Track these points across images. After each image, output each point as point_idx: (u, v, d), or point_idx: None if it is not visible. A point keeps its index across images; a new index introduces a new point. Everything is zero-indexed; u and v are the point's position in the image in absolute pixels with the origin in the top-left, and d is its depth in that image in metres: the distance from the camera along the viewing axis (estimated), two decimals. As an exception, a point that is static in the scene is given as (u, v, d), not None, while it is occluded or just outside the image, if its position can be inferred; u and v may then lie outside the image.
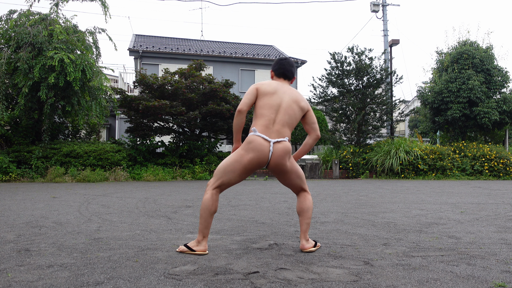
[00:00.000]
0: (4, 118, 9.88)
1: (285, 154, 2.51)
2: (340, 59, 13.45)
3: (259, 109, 2.57)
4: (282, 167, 2.54)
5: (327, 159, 12.85)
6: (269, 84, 2.63)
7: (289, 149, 2.54)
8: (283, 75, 2.75)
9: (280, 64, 2.77)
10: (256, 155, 2.47)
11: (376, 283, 1.92)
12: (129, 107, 11.66)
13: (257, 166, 2.52)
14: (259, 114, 2.56)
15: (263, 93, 2.59)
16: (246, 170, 2.52)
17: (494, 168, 12.48)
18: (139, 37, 21.10)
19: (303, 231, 2.60)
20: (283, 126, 2.55)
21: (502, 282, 1.93)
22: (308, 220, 2.62)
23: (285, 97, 2.61)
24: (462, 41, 15.56)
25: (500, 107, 13.91)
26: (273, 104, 2.56)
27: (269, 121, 2.53)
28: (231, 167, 2.50)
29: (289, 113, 2.58)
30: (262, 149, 2.46)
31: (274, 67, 2.80)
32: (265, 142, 2.48)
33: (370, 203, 5.40)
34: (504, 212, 4.47)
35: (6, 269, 2.14)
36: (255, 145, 2.46)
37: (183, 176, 11.02)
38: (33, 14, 10.77)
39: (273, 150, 2.48)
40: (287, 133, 2.57)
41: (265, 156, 2.48)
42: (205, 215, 2.49)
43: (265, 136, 2.49)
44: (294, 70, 2.83)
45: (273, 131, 2.52)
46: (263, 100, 2.57)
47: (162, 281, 1.94)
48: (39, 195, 6.33)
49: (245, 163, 2.49)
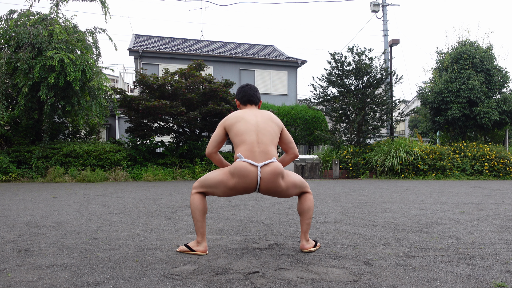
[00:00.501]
0: (4, 118, 9.87)
1: (275, 176, 2.39)
2: (340, 59, 13.45)
3: (237, 137, 2.47)
4: (276, 189, 2.44)
5: (327, 159, 12.85)
6: (234, 114, 2.57)
7: (280, 169, 2.41)
8: (248, 102, 2.71)
9: (243, 91, 2.73)
10: (242, 181, 2.37)
11: (376, 283, 1.92)
12: (129, 107, 11.66)
13: (243, 191, 2.43)
14: (239, 141, 2.45)
15: (232, 124, 2.52)
16: (230, 193, 2.45)
17: (494, 168, 12.48)
18: (139, 37, 21.10)
19: (304, 231, 2.59)
20: (267, 146, 2.45)
21: (502, 282, 1.93)
22: (309, 220, 2.59)
23: (257, 117, 2.55)
24: (462, 41, 15.56)
25: (500, 107, 13.92)
26: (249, 127, 2.48)
27: (252, 144, 2.42)
28: (215, 185, 2.46)
29: (268, 130, 2.50)
30: (248, 175, 2.35)
31: (237, 95, 2.76)
32: (252, 167, 2.36)
33: (370, 203, 5.40)
34: (504, 212, 4.47)
35: (6, 269, 2.14)
36: (241, 172, 2.35)
37: (183, 176, 11.02)
38: (33, 14, 10.77)
39: (261, 175, 2.37)
40: (273, 152, 2.46)
41: (253, 182, 2.38)
42: (196, 216, 2.49)
43: (251, 161, 2.37)
44: (258, 95, 2.76)
45: (259, 153, 2.41)
46: (236, 128, 2.49)
47: (162, 281, 1.94)
48: (39, 195, 6.33)
49: (230, 187, 2.41)
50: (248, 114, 2.56)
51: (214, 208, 4.83)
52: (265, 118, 2.56)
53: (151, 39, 20.92)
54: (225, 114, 11.56)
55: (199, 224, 2.49)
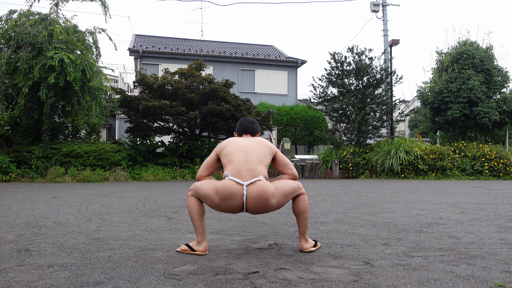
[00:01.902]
0: (4, 118, 9.87)
1: (263, 194, 2.30)
2: (340, 59, 13.45)
3: (225, 158, 2.47)
4: (265, 208, 2.37)
5: (327, 159, 12.85)
6: (227, 140, 2.61)
7: (266, 188, 2.32)
8: (244, 132, 2.72)
9: (241, 124, 2.76)
10: (227, 200, 2.32)
11: (376, 283, 1.92)
12: (129, 107, 11.66)
13: (228, 210, 2.39)
14: (227, 161, 2.45)
15: (223, 147, 2.54)
16: (217, 209, 2.43)
17: (494, 168, 12.48)
18: (139, 37, 21.11)
19: (302, 232, 2.58)
20: (255, 164, 2.40)
21: (502, 282, 1.93)
22: (305, 221, 2.55)
23: (248, 141, 2.57)
24: (462, 41, 15.56)
25: (500, 107, 13.92)
26: (237, 149, 2.49)
27: (239, 163, 2.40)
28: (204, 196, 2.45)
29: (257, 150, 2.49)
30: (233, 195, 2.30)
31: (236, 128, 2.79)
32: (237, 186, 2.30)
33: (370, 203, 5.40)
34: (504, 212, 4.47)
35: (6, 269, 2.14)
36: (225, 190, 2.31)
37: (183, 176, 11.02)
38: (33, 14, 10.77)
39: (246, 194, 2.30)
40: (261, 170, 2.39)
41: (238, 202, 2.32)
42: (193, 217, 2.49)
43: (237, 179, 2.32)
44: (256, 127, 2.74)
45: (245, 171, 2.36)
46: (226, 150, 2.51)
47: (162, 281, 1.94)
48: (39, 195, 6.33)
49: (216, 203, 2.39)
50: (240, 139, 2.60)
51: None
52: (256, 141, 2.57)
53: (151, 39, 20.92)
54: (225, 114, 11.57)
55: (197, 224, 2.50)
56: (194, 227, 2.53)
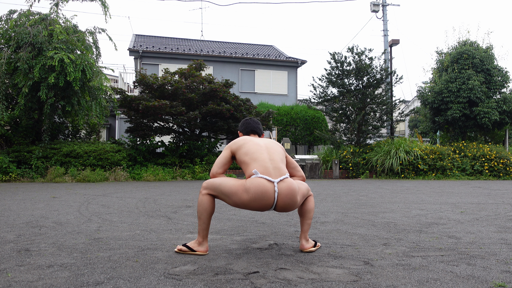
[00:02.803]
0: (4, 118, 9.88)
1: (293, 192, 2.34)
2: (340, 59, 13.46)
3: (247, 156, 2.44)
4: (293, 204, 2.37)
5: (327, 159, 12.85)
6: (241, 138, 2.61)
7: (295, 185, 2.37)
8: (251, 132, 2.75)
9: (246, 124, 2.78)
10: (259, 198, 2.28)
11: (376, 283, 1.92)
12: (129, 107, 11.66)
13: (258, 208, 2.34)
14: (250, 159, 2.41)
15: (240, 146, 2.52)
16: (242, 207, 2.39)
17: (494, 168, 12.48)
18: (139, 37, 21.11)
19: (304, 231, 2.59)
20: (279, 163, 2.44)
21: (502, 282, 1.93)
22: (310, 220, 2.59)
23: (264, 140, 2.60)
24: (462, 41, 15.56)
25: (500, 107, 13.92)
26: (258, 147, 2.48)
27: (264, 161, 2.39)
28: (228, 194, 2.38)
29: (277, 150, 2.53)
30: (266, 192, 2.28)
31: (240, 128, 2.80)
32: (269, 183, 2.30)
33: (370, 203, 5.40)
34: (504, 212, 4.47)
35: (6, 269, 2.14)
36: (258, 188, 2.28)
37: (183, 176, 11.02)
38: (33, 14, 10.77)
39: (278, 191, 2.30)
40: (285, 169, 2.44)
41: (270, 199, 2.30)
42: (203, 217, 2.46)
43: (267, 177, 2.32)
44: (261, 127, 2.80)
45: (272, 169, 2.37)
46: (245, 148, 2.48)
47: (162, 281, 1.94)
48: (39, 195, 6.33)
49: (244, 201, 2.33)
50: (256, 138, 2.62)
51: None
52: (272, 142, 2.61)
53: (151, 39, 20.92)
54: (225, 114, 11.57)
55: (204, 225, 2.46)
56: (199, 228, 2.47)
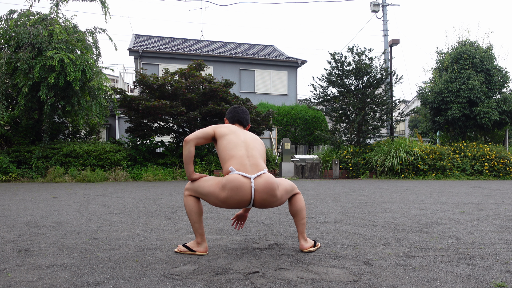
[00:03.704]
0: (4, 118, 9.88)
1: (270, 185, 2.33)
2: (340, 59, 13.46)
3: (225, 151, 2.45)
4: (271, 199, 2.37)
5: (327, 159, 12.85)
6: (227, 126, 2.60)
7: (273, 179, 2.38)
8: (237, 121, 2.75)
9: (234, 112, 2.77)
10: (235, 194, 2.29)
11: (376, 283, 1.92)
12: (129, 107, 11.66)
13: (236, 205, 2.35)
14: (228, 156, 2.43)
15: (222, 134, 2.52)
16: (222, 205, 2.40)
17: (494, 168, 12.48)
18: (139, 37, 21.11)
19: (300, 231, 2.58)
20: (257, 159, 2.44)
21: (502, 282, 1.93)
22: (303, 220, 2.58)
23: (246, 134, 2.60)
24: (462, 41, 15.56)
25: (500, 107, 13.92)
26: (238, 142, 2.49)
27: (242, 158, 2.40)
28: (206, 194, 2.41)
29: (256, 147, 2.54)
30: (242, 187, 2.29)
31: (228, 115, 2.78)
32: (245, 179, 2.31)
33: (370, 203, 5.40)
34: (504, 212, 4.47)
35: (6, 269, 2.14)
36: (233, 184, 2.29)
37: (183, 176, 11.02)
38: (33, 14, 10.77)
39: (255, 186, 2.31)
40: (263, 165, 2.44)
41: (246, 195, 2.31)
42: (192, 218, 2.47)
43: (243, 173, 2.33)
44: (249, 118, 2.80)
45: (249, 166, 2.38)
46: (225, 140, 2.49)
47: (162, 281, 1.94)
48: (39, 195, 6.33)
49: (222, 199, 2.34)
50: (238, 130, 2.61)
51: (214, 208, 4.83)
52: (253, 137, 2.62)
53: (151, 39, 20.92)
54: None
55: (196, 225, 2.48)
56: (193, 229, 2.50)
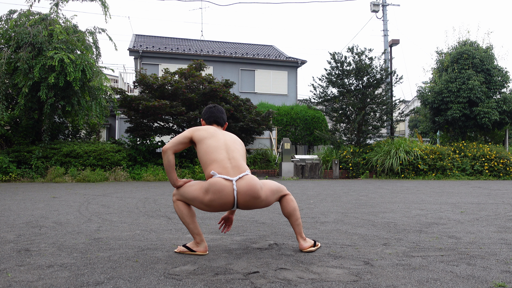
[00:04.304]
0: (4, 118, 9.88)
1: (253, 187, 2.34)
2: (340, 59, 13.46)
3: (206, 155, 2.44)
4: (255, 201, 2.37)
5: (327, 159, 12.85)
6: (205, 129, 2.57)
7: (255, 180, 2.39)
8: (214, 122, 2.72)
9: (210, 112, 2.73)
10: (217, 197, 2.30)
11: (376, 283, 1.92)
12: (129, 107, 11.66)
13: (220, 208, 2.37)
14: (209, 160, 2.42)
15: (201, 138, 2.50)
16: (207, 209, 2.41)
17: (494, 168, 12.48)
18: (139, 37, 21.10)
19: (298, 232, 2.57)
20: (238, 161, 2.44)
21: (502, 282, 1.93)
22: (298, 220, 2.56)
23: (225, 136, 2.59)
24: (462, 41, 15.57)
25: (500, 107, 13.92)
26: (218, 145, 2.48)
27: (223, 161, 2.41)
28: (191, 199, 2.43)
29: (237, 148, 2.53)
30: (224, 190, 2.30)
31: (204, 116, 2.74)
32: (227, 182, 2.32)
33: (370, 203, 5.40)
34: (504, 212, 4.47)
35: (6, 269, 2.14)
36: (215, 187, 2.30)
37: (183, 176, 11.02)
38: (33, 14, 10.77)
39: (237, 189, 2.32)
40: (245, 166, 2.45)
41: (229, 198, 2.31)
42: (186, 220, 2.48)
43: (225, 176, 2.34)
44: (225, 117, 2.78)
45: (231, 168, 2.39)
46: (205, 145, 2.47)
47: (162, 281, 1.94)
48: (39, 195, 6.33)
49: (206, 203, 2.36)
50: (217, 131, 2.59)
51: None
52: (233, 138, 2.62)
53: (151, 39, 20.91)
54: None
55: (191, 226, 2.48)
56: (189, 231, 2.51)
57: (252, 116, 12.30)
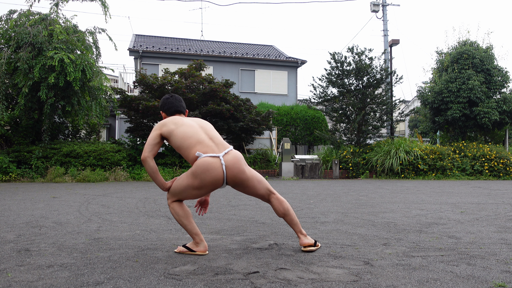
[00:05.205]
0: (4, 118, 9.87)
1: (239, 161, 2.39)
2: (340, 59, 13.46)
3: (185, 141, 2.42)
4: (242, 176, 2.40)
5: (327, 159, 12.85)
6: (172, 120, 2.52)
7: (240, 155, 2.44)
8: (176, 112, 2.67)
9: (169, 103, 2.66)
10: (207, 176, 2.33)
11: (376, 283, 1.92)
12: (129, 107, 11.67)
13: (212, 186, 2.38)
14: (191, 144, 2.40)
15: (171, 130, 2.46)
16: (200, 192, 2.43)
17: (494, 168, 12.48)
18: (139, 37, 21.10)
19: (298, 230, 2.56)
20: (220, 139, 2.48)
21: (502, 282, 1.93)
22: (295, 217, 2.57)
23: (194, 120, 2.57)
24: (462, 41, 15.56)
25: (500, 107, 13.92)
26: (193, 130, 2.46)
27: (205, 141, 2.42)
28: (185, 191, 2.43)
29: (212, 128, 2.56)
30: (212, 167, 2.32)
31: (163, 108, 2.67)
32: (214, 159, 2.34)
33: (370, 203, 5.40)
34: (504, 212, 4.47)
35: (6, 269, 2.14)
36: (204, 167, 2.32)
37: (183, 176, 11.01)
38: (33, 14, 10.77)
39: (225, 163, 2.35)
40: (227, 144, 2.47)
41: (219, 174, 2.34)
42: (183, 222, 2.48)
43: (211, 154, 2.36)
44: (184, 105, 2.73)
45: (215, 146, 2.41)
46: (179, 133, 2.44)
47: (162, 281, 1.94)
48: (39, 195, 6.33)
49: (197, 186, 2.38)
50: (185, 119, 2.56)
51: (214, 208, 4.83)
52: (203, 121, 2.62)
53: (151, 39, 20.91)
54: (225, 114, 11.57)
55: (189, 227, 2.49)
56: (187, 232, 2.51)
57: (252, 116, 12.30)
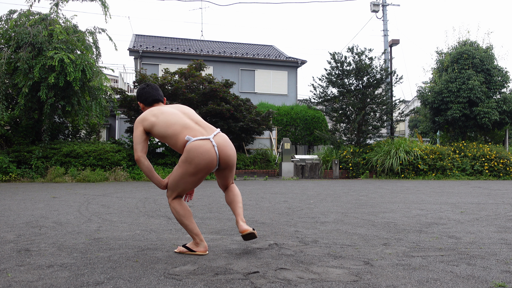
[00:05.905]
0: (4, 118, 9.87)
1: (229, 142, 2.46)
2: (340, 59, 13.46)
3: (168, 129, 2.39)
4: (233, 156, 2.46)
5: (327, 159, 12.85)
6: (151, 112, 2.48)
7: (227, 137, 2.50)
8: (154, 102, 2.62)
9: (146, 93, 2.61)
10: (201, 158, 2.32)
11: (376, 283, 1.92)
12: (129, 107, 11.67)
13: (207, 169, 2.37)
14: (175, 130, 2.38)
15: (154, 122, 2.42)
16: (197, 178, 2.41)
17: (494, 168, 12.48)
18: (139, 37, 21.10)
19: (240, 214, 2.50)
20: (204, 123, 2.50)
21: (502, 282, 1.93)
22: (241, 204, 2.57)
23: (175, 107, 2.55)
24: (462, 41, 15.56)
25: (500, 107, 13.92)
26: (176, 117, 2.44)
27: (191, 125, 2.41)
28: (182, 181, 2.42)
29: (193, 112, 2.57)
30: (206, 149, 2.33)
31: (141, 98, 2.62)
32: (205, 141, 2.34)
33: (370, 203, 5.40)
34: (504, 212, 4.47)
35: (6, 269, 2.14)
36: (197, 150, 2.31)
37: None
38: (33, 14, 10.77)
39: (216, 144, 2.37)
40: (214, 127, 2.49)
41: (212, 155, 2.35)
42: (184, 221, 2.47)
43: (200, 137, 2.35)
44: (161, 93, 2.67)
45: (203, 129, 2.43)
46: (163, 121, 2.41)
47: (162, 281, 1.94)
48: (39, 195, 6.33)
49: (193, 172, 2.36)
50: (163, 107, 2.54)
51: (214, 208, 4.83)
52: (183, 107, 2.59)
53: (151, 39, 20.91)
54: (225, 114, 11.57)
55: (190, 227, 2.48)
56: (188, 231, 2.50)
57: (252, 116, 12.30)
